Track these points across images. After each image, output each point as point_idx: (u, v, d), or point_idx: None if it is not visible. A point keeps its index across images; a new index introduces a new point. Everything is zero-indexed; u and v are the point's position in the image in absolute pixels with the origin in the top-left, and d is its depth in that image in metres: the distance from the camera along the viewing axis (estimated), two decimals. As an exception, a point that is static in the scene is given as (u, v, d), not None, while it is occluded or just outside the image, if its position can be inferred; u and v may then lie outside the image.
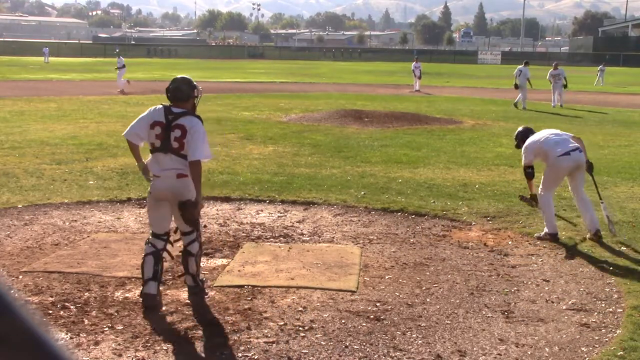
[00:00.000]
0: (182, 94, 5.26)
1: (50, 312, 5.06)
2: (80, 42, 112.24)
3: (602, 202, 7.74)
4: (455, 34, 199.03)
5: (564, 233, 7.53)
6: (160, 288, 5.28)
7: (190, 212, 5.12)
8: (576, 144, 7.49)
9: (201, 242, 5.46)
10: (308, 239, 7.30)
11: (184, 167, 5.11)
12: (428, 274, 6.20)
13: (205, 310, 5.19)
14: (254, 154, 12.75)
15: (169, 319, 4.99)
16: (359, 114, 19.16)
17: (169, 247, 5.32)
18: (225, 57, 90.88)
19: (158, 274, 5.15)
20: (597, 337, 4.84)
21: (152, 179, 5.23)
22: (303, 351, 4.50)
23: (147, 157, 5.33)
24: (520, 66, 25.32)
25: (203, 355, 4.43)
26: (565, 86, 25.21)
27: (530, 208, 8.70)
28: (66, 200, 8.71)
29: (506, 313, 5.27)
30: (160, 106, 5.27)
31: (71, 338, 4.60)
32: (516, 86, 24.71)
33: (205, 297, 5.41)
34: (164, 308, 5.16)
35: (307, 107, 22.42)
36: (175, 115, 5.16)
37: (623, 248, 7.04)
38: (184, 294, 5.53)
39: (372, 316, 5.12)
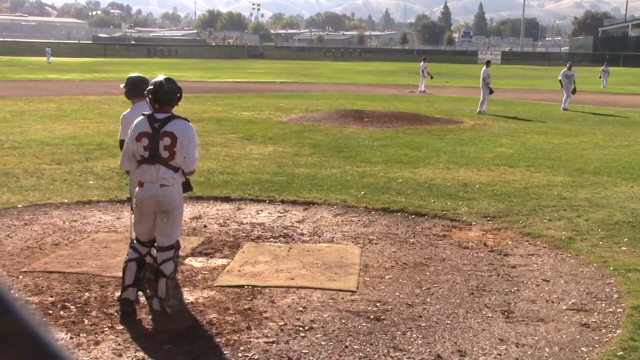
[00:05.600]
0: (172, 96, 4.98)
1: (50, 312, 5.05)
2: (80, 42, 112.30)
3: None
4: (455, 34, 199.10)
5: (563, 233, 7.53)
6: (139, 295, 5.16)
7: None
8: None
9: (177, 263, 5.17)
10: (308, 239, 7.30)
11: (171, 177, 4.91)
12: (428, 274, 6.20)
13: (205, 310, 5.19)
14: (254, 154, 12.75)
15: (169, 319, 4.98)
16: (359, 114, 19.15)
17: (152, 251, 5.12)
18: (225, 57, 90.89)
19: (139, 281, 5.03)
20: (597, 337, 4.84)
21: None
22: (303, 351, 4.50)
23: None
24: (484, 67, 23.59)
25: (203, 355, 4.42)
26: (574, 90, 24.24)
27: (530, 208, 8.71)
28: (66, 200, 8.71)
29: (506, 313, 5.27)
30: (142, 117, 4.98)
31: (71, 338, 4.60)
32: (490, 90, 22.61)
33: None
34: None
35: (307, 107, 22.41)
36: (161, 122, 4.89)
37: (623, 248, 7.04)
38: (183, 294, 5.52)
39: (372, 316, 5.12)
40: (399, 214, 8.37)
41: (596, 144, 15.29)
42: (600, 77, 39.71)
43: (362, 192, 9.41)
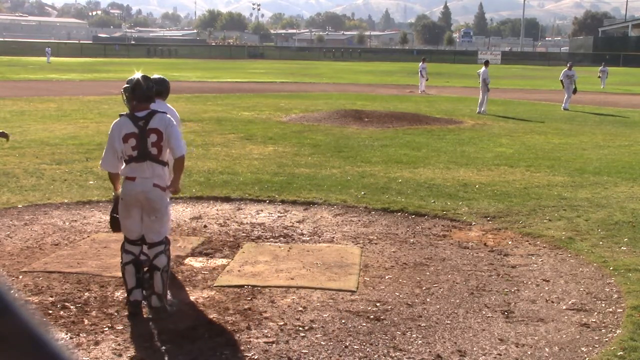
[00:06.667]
0: (150, 94, 5.03)
1: (50, 312, 5.05)
2: (80, 42, 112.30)
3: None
4: (455, 34, 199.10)
5: (563, 233, 7.53)
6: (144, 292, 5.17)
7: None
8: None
9: (170, 257, 5.19)
10: (308, 239, 7.30)
11: (162, 174, 4.97)
12: (428, 274, 6.20)
13: (205, 310, 5.19)
14: (254, 154, 12.75)
15: (169, 319, 4.98)
16: (359, 114, 19.16)
17: (144, 249, 5.16)
18: (225, 57, 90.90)
19: (141, 280, 5.06)
20: (597, 337, 4.84)
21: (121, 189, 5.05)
22: (303, 351, 4.50)
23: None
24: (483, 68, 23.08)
25: (203, 355, 4.43)
26: (574, 90, 24.16)
27: (530, 208, 8.71)
28: (66, 200, 8.71)
29: (506, 313, 5.27)
30: (122, 118, 5.01)
31: (71, 338, 4.60)
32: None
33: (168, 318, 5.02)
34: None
35: (307, 107, 22.41)
36: (144, 120, 4.92)
37: (623, 248, 7.04)
38: (183, 293, 5.52)
39: (372, 316, 5.12)
40: (399, 214, 8.37)
41: (596, 144, 15.29)
42: (599, 77, 39.49)
43: (362, 192, 9.40)
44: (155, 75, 6.35)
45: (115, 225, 5.33)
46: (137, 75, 5.09)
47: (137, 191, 4.94)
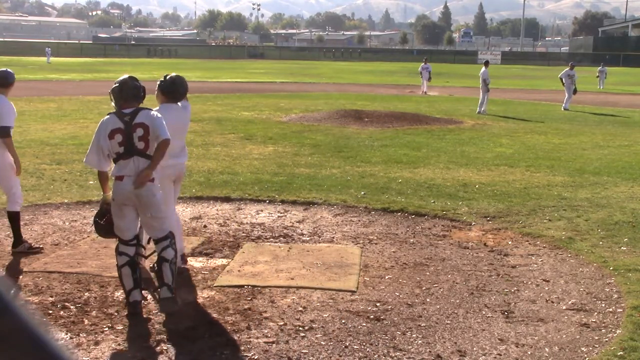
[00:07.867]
0: (136, 92, 5.07)
1: (50, 312, 5.06)
2: (80, 42, 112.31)
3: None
4: (455, 34, 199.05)
5: (563, 233, 7.53)
6: (144, 292, 5.18)
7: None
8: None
9: (176, 250, 5.21)
10: (308, 239, 7.30)
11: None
12: (428, 274, 6.20)
13: (205, 310, 5.19)
14: (254, 154, 12.75)
15: (169, 319, 4.98)
16: (359, 114, 19.16)
17: (140, 250, 5.18)
18: (225, 57, 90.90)
19: (138, 281, 5.07)
20: (597, 337, 4.83)
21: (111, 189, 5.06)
22: (303, 351, 4.50)
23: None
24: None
25: (203, 355, 4.42)
26: (574, 90, 24.20)
27: (530, 208, 8.70)
28: (66, 200, 8.71)
29: (506, 313, 5.27)
30: (109, 116, 5.05)
31: (71, 338, 4.60)
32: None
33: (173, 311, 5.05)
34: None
35: (307, 107, 22.41)
36: (130, 116, 4.97)
37: (623, 248, 7.04)
38: (183, 294, 5.52)
39: (372, 316, 5.12)
40: (399, 214, 8.37)
41: (596, 144, 15.29)
42: (598, 77, 39.11)
43: (362, 192, 9.40)
44: (173, 74, 6.27)
45: (99, 230, 5.35)
46: (125, 76, 5.20)
47: (127, 190, 4.96)
